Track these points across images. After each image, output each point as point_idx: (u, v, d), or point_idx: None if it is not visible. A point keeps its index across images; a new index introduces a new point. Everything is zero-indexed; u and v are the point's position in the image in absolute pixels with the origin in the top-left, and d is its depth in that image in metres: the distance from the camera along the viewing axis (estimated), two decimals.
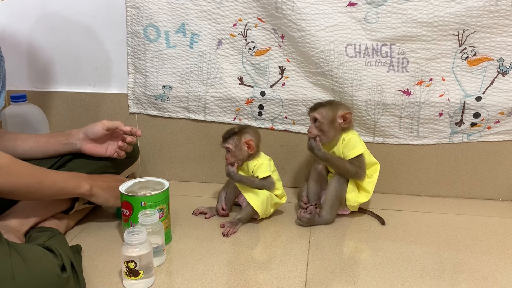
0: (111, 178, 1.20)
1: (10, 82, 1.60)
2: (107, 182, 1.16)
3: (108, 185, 1.15)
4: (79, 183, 1.08)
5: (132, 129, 1.23)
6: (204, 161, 1.58)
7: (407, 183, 1.48)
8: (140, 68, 1.51)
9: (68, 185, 1.05)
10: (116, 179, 1.20)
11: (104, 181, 1.15)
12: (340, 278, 1.00)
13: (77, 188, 1.07)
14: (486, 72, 1.34)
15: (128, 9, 1.46)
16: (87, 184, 1.09)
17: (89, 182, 1.10)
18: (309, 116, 1.25)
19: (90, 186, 1.09)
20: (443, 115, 1.38)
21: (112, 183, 1.16)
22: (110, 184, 1.16)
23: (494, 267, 1.05)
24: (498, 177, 1.43)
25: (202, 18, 1.43)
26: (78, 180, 1.08)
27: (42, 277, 0.78)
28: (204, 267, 1.04)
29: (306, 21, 1.33)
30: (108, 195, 1.14)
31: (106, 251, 1.11)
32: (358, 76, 1.37)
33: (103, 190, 1.13)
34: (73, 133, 1.22)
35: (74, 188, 1.06)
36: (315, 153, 1.23)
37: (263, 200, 1.22)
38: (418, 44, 1.32)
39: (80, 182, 1.08)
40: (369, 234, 1.22)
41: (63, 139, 1.21)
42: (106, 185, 1.14)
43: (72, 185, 1.06)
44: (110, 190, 1.14)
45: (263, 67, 1.44)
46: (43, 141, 1.20)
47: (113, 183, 1.16)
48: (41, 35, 1.54)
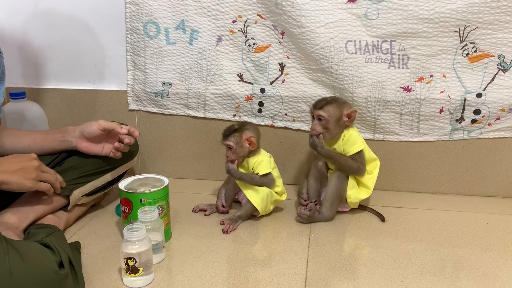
0: (20, 158, 1.03)
1: (9, 79, 1.59)
2: (17, 162, 1.01)
3: (20, 167, 1.00)
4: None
5: (129, 129, 1.20)
6: (204, 158, 1.58)
7: (408, 180, 1.48)
8: (140, 65, 1.50)
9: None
10: (26, 157, 1.04)
11: (12, 162, 1.00)
12: (340, 275, 1.00)
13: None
14: (486, 68, 1.33)
15: (127, 6, 1.45)
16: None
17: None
18: (313, 113, 1.23)
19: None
20: (444, 111, 1.38)
21: (24, 163, 1.02)
22: (22, 165, 1.01)
23: (494, 264, 1.04)
24: (499, 174, 1.42)
25: (202, 14, 1.42)
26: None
27: (39, 274, 0.77)
28: (204, 264, 1.04)
29: (306, 17, 1.32)
30: (21, 178, 0.99)
31: (106, 248, 1.11)
32: (359, 72, 1.36)
33: (13, 174, 0.98)
34: (70, 130, 1.20)
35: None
36: (318, 150, 1.22)
37: (263, 197, 1.22)
38: (418, 41, 1.32)
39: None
40: (369, 231, 1.22)
41: (60, 136, 1.19)
42: (16, 167, 0.99)
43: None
44: (23, 172, 1.00)
45: (263, 64, 1.44)
46: (40, 139, 1.19)
47: (25, 163, 1.02)
48: (40, 32, 1.54)
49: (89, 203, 1.29)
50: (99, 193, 1.28)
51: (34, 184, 1.02)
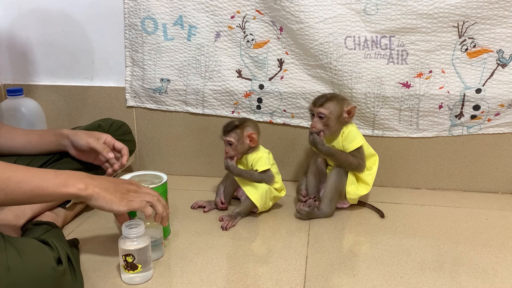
0: (118, 180, 0.97)
1: (6, 76, 1.59)
2: (113, 182, 0.93)
3: (114, 186, 0.91)
4: (67, 180, 0.85)
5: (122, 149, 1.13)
6: (203, 155, 1.57)
7: (407, 176, 1.48)
8: (138, 61, 1.49)
9: (47, 183, 0.82)
10: (124, 181, 0.97)
11: (108, 181, 0.92)
12: (339, 271, 0.99)
13: (64, 187, 0.84)
14: (486, 64, 1.33)
15: (125, 1, 1.44)
16: (81, 182, 0.86)
17: (85, 180, 0.87)
18: (313, 111, 1.22)
19: (85, 185, 0.86)
20: (443, 107, 1.37)
21: (120, 184, 0.93)
22: (117, 186, 0.92)
23: (494, 259, 1.04)
24: (498, 170, 1.42)
25: (200, 10, 1.41)
26: (65, 177, 0.85)
27: (37, 270, 0.77)
28: (203, 260, 1.04)
29: (305, 13, 1.32)
30: (112, 196, 0.89)
31: (104, 244, 1.10)
32: (358, 68, 1.36)
33: (105, 191, 0.88)
34: (64, 134, 1.15)
35: (58, 186, 0.83)
36: (319, 148, 1.21)
37: (262, 194, 1.22)
38: (417, 36, 1.31)
39: (69, 179, 0.85)
40: (368, 227, 1.21)
41: (54, 140, 1.16)
42: (111, 186, 0.91)
43: (55, 182, 0.83)
44: (116, 192, 0.90)
45: (262, 60, 1.43)
46: (35, 141, 1.16)
47: (121, 184, 0.94)
48: (37, 28, 1.53)
49: None
50: None
51: (127, 204, 0.90)
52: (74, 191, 0.85)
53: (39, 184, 0.82)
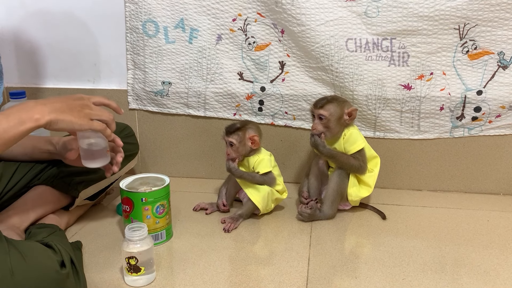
0: (63, 97, 0.91)
1: (9, 79, 1.60)
2: (64, 101, 0.88)
3: (68, 105, 0.88)
4: (20, 118, 0.81)
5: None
6: (204, 157, 1.58)
7: (408, 178, 1.48)
8: (139, 64, 1.50)
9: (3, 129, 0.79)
10: (73, 96, 0.92)
11: (55, 102, 0.87)
12: (341, 273, 1.00)
13: (21, 125, 0.81)
14: (486, 65, 1.33)
15: (126, 4, 1.45)
16: (34, 113, 0.82)
17: (37, 109, 0.83)
18: (314, 112, 1.23)
19: (40, 114, 0.83)
20: (444, 109, 1.38)
21: (71, 102, 0.90)
22: (70, 104, 0.89)
23: (495, 261, 1.05)
24: (499, 171, 1.42)
25: (201, 13, 1.42)
26: (17, 116, 0.81)
27: (41, 274, 0.77)
28: (205, 262, 1.04)
29: (306, 15, 1.32)
30: (70, 116, 0.86)
31: (107, 247, 1.11)
32: (359, 70, 1.36)
33: (62, 113, 0.86)
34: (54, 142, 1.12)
35: (16, 127, 0.80)
36: (320, 150, 1.22)
37: (264, 196, 1.22)
38: (418, 38, 1.32)
39: (22, 115, 0.81)
40: (370, 229, 1.22)
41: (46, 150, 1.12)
42: (64, 106, 0.87)
43: (10, 125, 0.80)
44: (71, 110, 0.88)
45: (263, 62, 1.44)
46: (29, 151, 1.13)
47: (72, 101, 0.90)
48: (40, 30, 1.53)
49: (90, 203, 1.29)
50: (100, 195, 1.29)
51: (87, 122, 0.89)
52: (33, 125, 0.82)
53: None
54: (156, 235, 1.11)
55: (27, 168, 1.14)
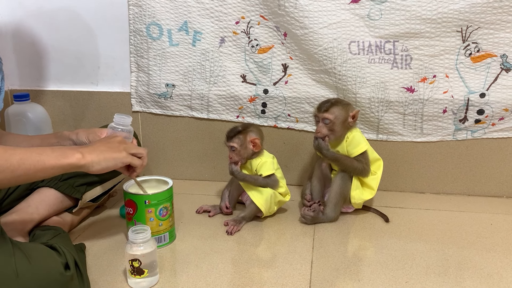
0: (105, 139, 0.99)
1: (13, 81, 1.61)
2: (104, 143, 0.96)
3: (107, 146, 0.95)
4: (64, 152, 0.87)
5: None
6: (208, 159, 1.58)
7: (411, 181, 1.48)
8: (143, 66, 1.51)
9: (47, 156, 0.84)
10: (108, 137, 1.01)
11: (100, 143, 0.96)
12: (344, 276, 1.00)
13: (63, 158, 0.85)
14: (489, 68, 1.33)
15: (130, 7, 1.46)
16: (77, 153, 0.88)
17: (80, 150, 0.90)
18: (319, 116, 1.23)
19: (81, 154, 0.88)
20: (447, 112, 1.38)
21: (110, 142, 0.97)
22: (109, 144, 0.96)
23: (499, 264, 1.04)
24: (503, 174, 1.42)
25: (205, 16, 1.42)
26: (61, 151, 0.87)
27: (45, 276, 0.78)
28: (208, 265, 1.04)
29: (309, 18, 1.32)
30: (111, 154, 0.93)
31: (110, 249, 1.11)
32: (362, 73, 1.36)
33: (102, 153, 0.92)
34: (64, 135, 1.14)
35: (58, 158, 0.85)
36: (324, 153, 1.22)
37: (267, 198, 1.22)
38: (421, 41, 1.32)
39: (66, 151, 0.87)
40: (373, 231, 1.22)
41: (55, 142, 1.14)
42: (104, 147, 0.94)
43: (54, 155, 0.85)
44: (111, 149, 0.94)
45: (266, 65, 1.44)
46: (36, 145, 1.13)
47: (111, 141, 0.97)
48: (44, 33, 1.54)
49: (93, 205, 1.29)
50: (103, 197, 1.29)
51: (126, 157, 0.95)
52: (74, 161, 0.87)
53: (39, 159, 0.83)
54: (159, 238, 1.11)
55: None
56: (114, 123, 1.06)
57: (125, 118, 1.07)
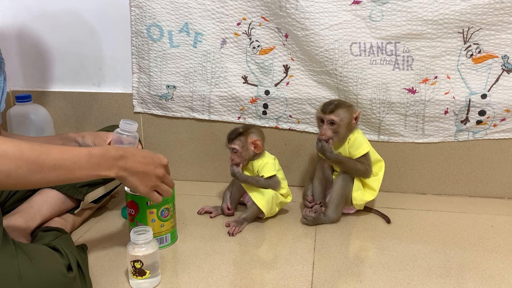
0: (147, 159, 0.95)
1: (15, 82, 1.61)
2: (142, 164, 0.93)
3: (143, 170, 0.93)
4: (99, 163, 0.86)
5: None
6: (209, 160, 1.58)
7: (413, 182, 1.48)
8: (144, 67, 1.51)
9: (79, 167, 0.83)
10: (155, 161, 0.97)
11: (138, 163, 0.92)
12: (346, 277, 1.00)
13: (94, 171, 0.85)
14: (491, 69, 1.33)
15: (132, 9, 1.46)
16: (112, 167, 0.88)
17: (116, 164, 0.88)
18: (324, 118, 1.21)
19: (116, 170, 0.88)
20: (449, 113, 1.38)
21: (149, 167, 0.95)
22: (147, 169, 0.94)
23: (501, 265, 1.04)
24: (504, 175, 1.42)
25: (206, 17, 1.43)
26: (97, 161, 0.85)
27: (48, 277, 0.78)
28: (209, 266, 1.04)
29: (310, 19, 1.33)
30: (139, 182, 0.93)
31: (112, 250, 1.11)
32: (363, 74, 1.36)
33: (132, 176, 0.91)
34: (70, 137, 1.15)
35: (89, 171, 0.84)
36: (327, 155, 1.22)
37: (268, 199, 1.22)
38: (423, 42, 1.32)
39: (101, 162, 0.86)
40: (374, 232, 1.22)
41: (60, 143, 1.15)
42: (140, 171, 0.93)
43: (87, 167, 0.84)
44: (144, 177, 0.94)
45: (268, 66, 1.44)
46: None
47: (150, 167, 0.95)
48: (46, 35, 1.55)
49: (95, 206, 1.29)
50: (105, 198, 1.29)
51: (148, 193, 0.96)
52: (104, 174, 0.87)
53: (72, 168, 0.82)
54: (161, 239, 1.11)
55: None
56: (120, 129, 1.07)
57: (131, 124, 1.07)
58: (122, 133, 1.06)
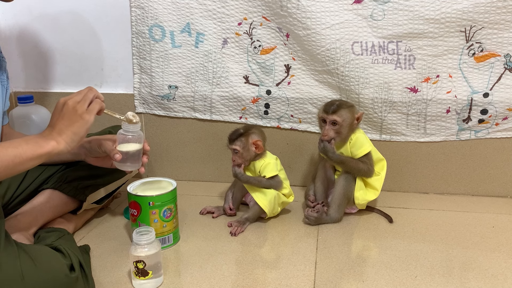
0: (57, 110, 0.93)
1: (17, 83, 1.61)
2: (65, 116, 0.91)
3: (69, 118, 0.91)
4: (37, 142, 0.86)
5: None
6: (211, 161, 1.58)
7: (415, 181, 1.48)
8: (146, 68, 1.51)
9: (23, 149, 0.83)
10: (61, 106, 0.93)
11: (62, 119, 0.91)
12: (348, 277, 1.00)
13: (39, 148, 0.85)
14: (493, 68, 1.33)
15: (132, 9, 1.46)
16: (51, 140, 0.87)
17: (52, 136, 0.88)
18: (326, 118, 1.21)
19: (55, 141, 0.88)
20: (450, 112, 1.37)
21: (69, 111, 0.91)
22: (70, 116, 0.91)
23: (503, 264, 1.04)
24: (506, 174, 1.42)
25: (207, 17, 1.43)
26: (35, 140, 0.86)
27: (51, 278, 0.78)
28: (212, 266, 1.04)
29: (312, 19, 1.32)
30: (78, 125, 0.91)
31: (115, 251, 1.11)
32: (365, 74, 1.36)
33: (68, 128, 0.90)
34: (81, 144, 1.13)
35: (34, 149, 0.85)
36: (330, 156, 1.21)
37: (270, 199, 1.22)
38: (424, 41, 1.32)
39: (39, 141, 0.87)
40: (377, 232, 1.21)
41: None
42: (66, 121, 0.91)
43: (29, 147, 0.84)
44: (73, 119, 0.91)
45: (269, 66, 1.44)
46: None
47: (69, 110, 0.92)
48: (47, 36, 1.55)
49: (98, 207, 1.30)
50: (107, 199, 1.29)
51: (90, 116, 0.93)
52: (50, 149, 0.87)
53: (17, 153, 0.83)
54: (163, 239, 1.11)
55: (37, 173, 1.16)
56: (123, 130, 1.05)
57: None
58: (125, 134, 1.05)
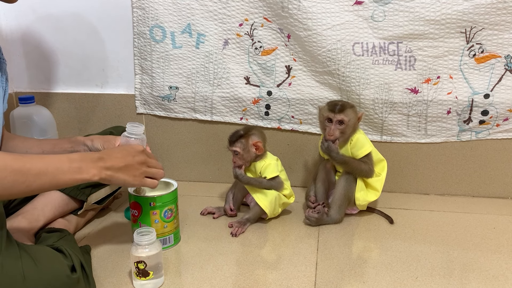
0: (124, 153, 0.96)
1: (18, 84, 1.62)
2: (121, 158, 0.94)
3: (126, 164, 0.94)
4: (80, 167, 0.86)
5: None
6: (211, 161, 1.58)
7: (415, 182, 1.48)
8: (147, 68, 1.51)
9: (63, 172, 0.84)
10: (131, 152, 0.97)
11: (116, 158, 0.93)
12: (349, 278, 1.00)
13: (78, 174, 0.86)
14: (493, 69, 1.33)
15: (134, 10, 1.46)
16: (93, 168, 0.88)
17: (97, 165, 0.89)
18: (333, 118, 1.20)
19: (98, 170, 0.88)
20: (451, 113, 1.37)
21: (128, 158, 0.95)
22: (127, 161, 0.94)
23: (504, 265, 1.04)
24: (507, 175, 1.42)
25: (208, 18, 1.43)
26: (78, 164, 0.86)
27: (52, 278, 0.78)
28: (213, 267, 1.04)
29: (313, 20, 1.33)
30: (126, 175, 0.94)
31: (116, 251, 1.12)
32: (366, 74, 1.36)
33: (117, 172, 0.92)
34: (79, 141, 1.14)
35: (73, 174, 0.85)
36: (333, 156, 1.21)
37: (271, 200, 1.22)
38: (425, 42, 1.32)
39: (82, 165, 0.87)
40: (377, 233, 1.22)
41: (69, 147, 1.14)
42: (123, 165, 0.93)
43: (70, 171, 0.85)
44: (128, 169, 0.94)
45: (270, 67, 1.44)
46: (48, 150, 1.14)
47: (129, 158, 0.95)
48: (49, 36, 1.55)
49: (99, 207, 1.30)
50: (108, 199, 1.30)
51: (140, 182, 0.97)
52: (88, 177, 0.87)
53: (55, 174, 0.83)
54: (164, 240, 1.11)
55: None
56: (126, 132, 1.05)
57: (138, 126, 1.05)
58: (129, 136, 1.05)
